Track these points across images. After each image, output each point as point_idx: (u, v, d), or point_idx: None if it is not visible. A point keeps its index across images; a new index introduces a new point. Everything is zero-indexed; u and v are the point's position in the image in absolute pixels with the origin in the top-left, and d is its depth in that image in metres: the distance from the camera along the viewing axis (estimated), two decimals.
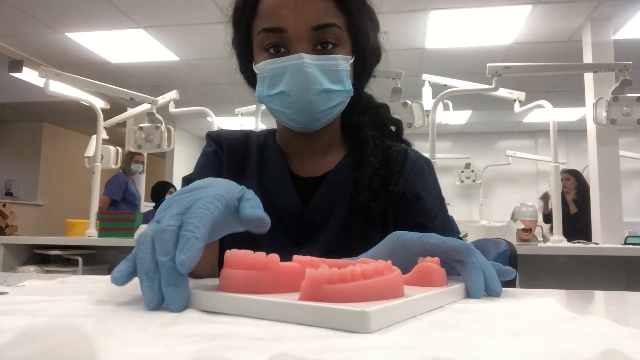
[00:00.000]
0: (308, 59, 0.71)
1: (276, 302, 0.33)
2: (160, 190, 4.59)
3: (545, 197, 5.09)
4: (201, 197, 0.46)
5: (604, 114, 2.72)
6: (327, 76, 0.73)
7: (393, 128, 0.94)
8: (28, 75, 4.69)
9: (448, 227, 0.82)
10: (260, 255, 0.40)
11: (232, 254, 0.41)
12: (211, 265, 0.74)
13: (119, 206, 4.45)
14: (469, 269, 0.49)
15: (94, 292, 0.46)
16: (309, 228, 0.79)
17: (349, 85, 0.76)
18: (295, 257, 0.43)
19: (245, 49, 0.83)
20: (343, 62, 0.75)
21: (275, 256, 0.41)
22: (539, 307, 0.40)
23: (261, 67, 0.75)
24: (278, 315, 0.32)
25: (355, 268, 0.36)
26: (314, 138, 0.82)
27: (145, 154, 4.67)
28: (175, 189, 4.47)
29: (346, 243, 0.75)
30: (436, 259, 0.48)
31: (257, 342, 0.25)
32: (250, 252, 0.41)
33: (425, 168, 0.86)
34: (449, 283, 0.48)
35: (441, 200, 0.86)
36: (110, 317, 0.26)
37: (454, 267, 0.52)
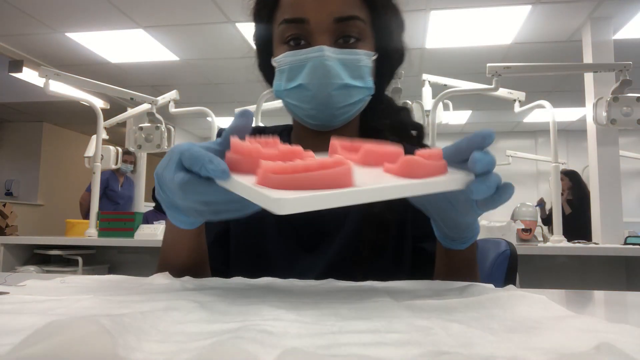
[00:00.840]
0: (329, 52, 0.69)
1: (237, 182, 0.40)
2: None
3: (540, 204, 5.09)
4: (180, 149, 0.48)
5: (604, 114, 2.72)
6: (348, 71, 0.70)
7: (414, 132, 0.90)
8: (28, 75, 4.70)
9: None
10: (255, 145, 0.44)
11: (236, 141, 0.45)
12: (193, 249, 0.65)
13: (100, 203, 4.47)
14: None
15: (97, 291, 0.46)
16: (321, 233, 0.75)
17: (370, 82, 0.73)
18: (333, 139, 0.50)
19: (266, 44, 0.80)
20: (365, 58, 0.72)
21: (257, 146, 0.44)
22: (533, 303, 0.40)
23: (280, 59, 0.73)
24: (238, 190, 0.40)
25: (304, 162, 0.38)
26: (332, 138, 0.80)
27: (145, 154, 4.68)
28: None
29: (357, 252, 0.72)
30: (434, 152, 0.46)
31: (266, 338, 0.25)
32: (251, 143, 0.45)
33: None
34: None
35: None
36: (119, 315, 0.27)
37: None
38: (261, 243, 0.76)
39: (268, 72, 0.82)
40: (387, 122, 0.84)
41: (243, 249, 0.78)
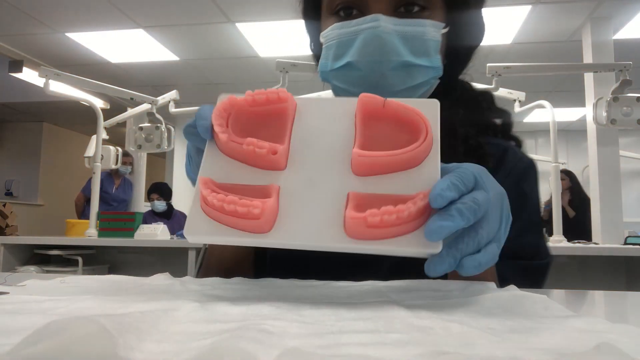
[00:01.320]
0: (386, 22, 0.56)
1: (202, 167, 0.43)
2: (149, 192, 4.61)
3: (547, 206, 5.02)
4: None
5: (604, 114, 2.72)
6: (409, 46, 0.57)
7: (498, 121, 0.73)
8: (28, 75, 4.70)
9: (542, 247, 0.65)
10: (226, 132, 0.42)
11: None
12: (236, 254, 0.64)
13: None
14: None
15: (97, 292, 0.46)
16: None
17: (437, 60, 0.59)
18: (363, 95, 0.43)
19: (314, 17, 0.67)
20: (432, 30, 0.58)
21: (226, 135, 0.42)
22: (533, 303, 0.40)
23: (327, 33, 0.61)
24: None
25: (220, 202, 0.37)
26: None
27: (145, 154, 4.67)
28: (158, 196, 4.47)
29: (414, 266, 0.59)
30: (399, 211, 0.36)
31: (266, 338, 0.25)
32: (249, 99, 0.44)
33: (529, 171, 0.67)
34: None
35: (538, 213, 0.67)
36: (119, 315, 0.27)
37: None
38: (301, 261, 0.64)
39: (319, 52, 0.67)
40: (461, 113, 0.65)
41: (281, 266, 0.67)
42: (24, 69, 4.57)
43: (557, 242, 2.89)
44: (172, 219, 4.43)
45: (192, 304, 0.37)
